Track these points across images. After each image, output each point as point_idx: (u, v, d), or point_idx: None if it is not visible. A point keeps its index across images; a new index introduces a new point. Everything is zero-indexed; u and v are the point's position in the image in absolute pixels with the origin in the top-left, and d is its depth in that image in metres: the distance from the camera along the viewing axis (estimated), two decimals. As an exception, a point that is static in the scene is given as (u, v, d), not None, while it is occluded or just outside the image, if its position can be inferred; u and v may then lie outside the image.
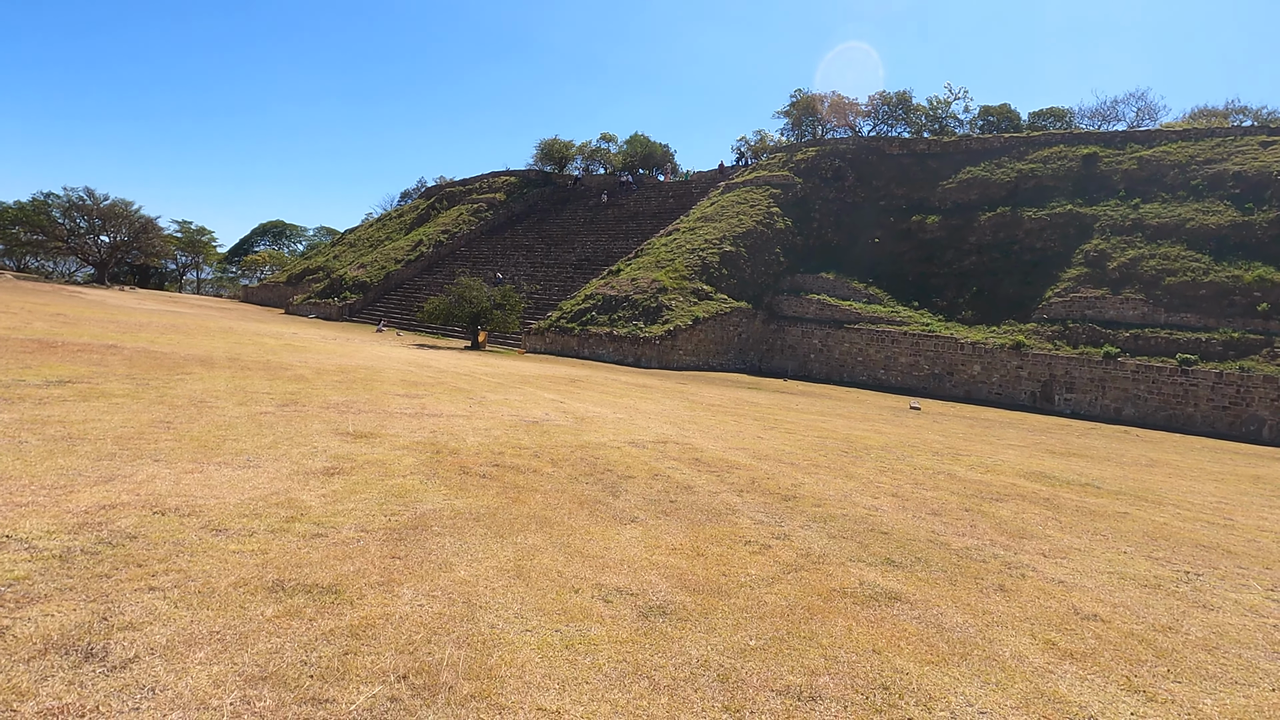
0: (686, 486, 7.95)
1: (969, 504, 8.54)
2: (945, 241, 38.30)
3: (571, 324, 35.62)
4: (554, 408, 14.08)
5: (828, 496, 8.15)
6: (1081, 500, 9.55)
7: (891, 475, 10.09)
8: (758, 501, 7.57)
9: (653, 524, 6.29)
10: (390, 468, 7.38)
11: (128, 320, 26.75)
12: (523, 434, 10.48)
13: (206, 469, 6.57)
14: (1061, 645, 4.41)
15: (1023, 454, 14.38)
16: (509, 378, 19.73)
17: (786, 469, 9.74)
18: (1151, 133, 37.93)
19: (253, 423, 9.11)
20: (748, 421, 15.25)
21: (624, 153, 64.66)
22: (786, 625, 4.30)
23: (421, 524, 5.57)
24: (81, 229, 69.67)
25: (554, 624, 4.01)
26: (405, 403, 12.44)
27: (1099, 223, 34.13)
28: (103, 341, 17.65)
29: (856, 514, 7.41)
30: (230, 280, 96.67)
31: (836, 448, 12.40)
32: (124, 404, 9.45)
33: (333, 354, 21.27)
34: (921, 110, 49.27)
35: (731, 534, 6.22)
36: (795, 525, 6.71)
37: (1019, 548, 6.68)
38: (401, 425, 10.09)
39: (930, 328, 33.73)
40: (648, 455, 9.71)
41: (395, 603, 4.05)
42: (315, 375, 15.19)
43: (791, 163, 46.03)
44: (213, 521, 5.11)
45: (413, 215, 65.47)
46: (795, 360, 37.19)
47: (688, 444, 11.10)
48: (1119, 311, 30.22)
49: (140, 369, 13.33)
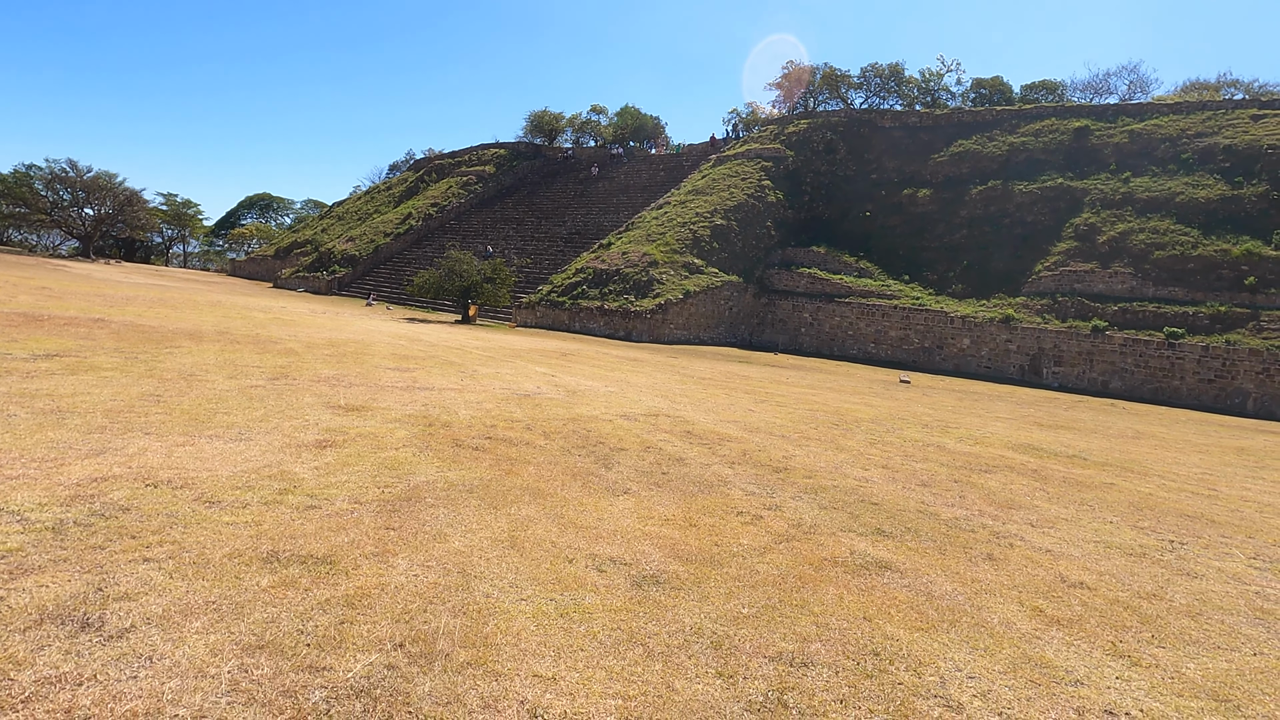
0: (678, 459, 7.98)
1: (958, 475, 8.62)
2: (936, 215, 38.26)
3: (562, 298, 35.52)
4: (545, 381, 14.08)
5: (819, 468, 8.21)
6: (1069, 471, 9.65)
7: (882, 448, 10.16)
8: (750, 473, 7.62)
9: (645, 495, 6.32)
10: (382, 440, 7.38)
11: (114, 294, 26.50)
12: (514, 407, 10.49)
13: (198, 442, 6.56)
14: (1048, 612, 4.48)
15: (1011, 426, 14.50)
16: (500, 351, 19.70)
17: (778, 441, 9.80)
18: (1143, 106, 37.84)
19: (243, 396, 9.08)
20: (739, 395, 15.30)
21: (615, 125, 64.11)
22: (779, 593, 4.35)
23: (415, 496, 5.58)
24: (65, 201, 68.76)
25: (548, 593, 4.04)
26: (396, 376, 12.41)
27: (1089, 196, 34.15)
28: (89, 315, 17.50)
29: (847, 485, 7.48)
30: (217, 254, 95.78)
31: (827, 420, 12.47)
32: (113, 377, 9.38)
33: (322, 328, 21.16)
34: (914, 83, 48.97)
35: (724, 505, 6.26)
36: (787, 496, 6.76)
37: (1007, 518, 6.76)
38: (393, 399, 10.07)
39: (921, 301, 33.81)
40: (639, 428, 9.74)
41: (390, 573, 4.07)
42: (305, 349, 15.12)
43: (783, 135, 45.74)
44: (205, 494, 5.11)
45: (401, 188, 64.87)
46: (786, 334, 37.24)
47: (679, 417, 11.13)
48: (1108, 285, 30.35)
49: (128, 342, 13.23)
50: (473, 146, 66.38)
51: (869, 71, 49.81)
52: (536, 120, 67.50)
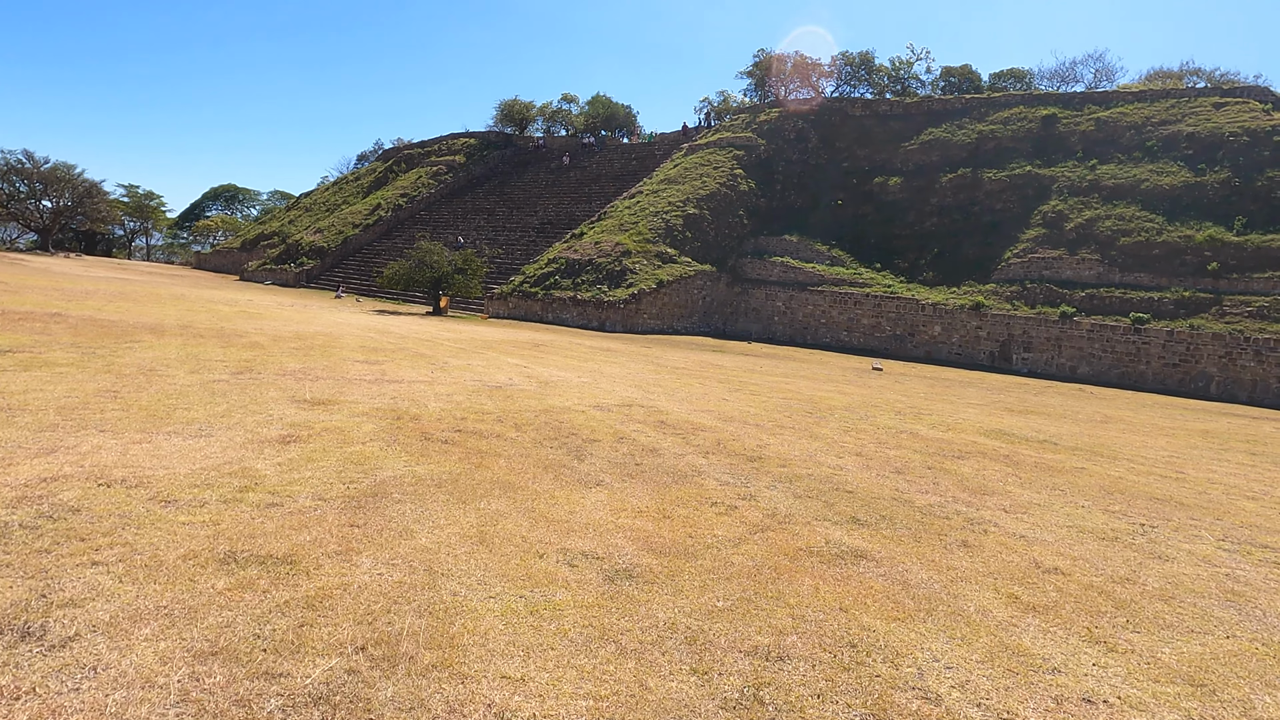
0: (652, 449, 7.89)
1: (932, 462, 8.62)
2: (907, 203, 38.48)
3: (535, 288, 35.25)
4: (518, 372, 13.92)
5: (793, 457, 8.16)
6: (1040, 456, 9.71)
7: (855, 435, 10.15)
8: (724, 463, 7.55)
9: (618, 487, 6.22)
10: (349, 435, 7.20)
11: (73, 288, 25.82)
12: (486, 399, 10.33)
13: (155, 439, 6.34)
14: (1024, 599, 4.45)
15: (982, 412, 14.61)
16: (472, 343, 19.47)
17: (752, 430, 9.74)
18: (1109, 94, 38.32)
19: (205, 391, 8.83)
20: (713, 384, 15.25)
21: (586, 114, 63.67)
22: (754, 586, 4.27)
23: (381, 491, 5.43)
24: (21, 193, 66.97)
25: (518, 590, 3.93)
26: (365, 369, 12.19)
27: (1057, 184, 34.53)
28: (46, 310, 17.00)
29: (822, 474, 7.43)
30: (182, 247, 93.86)
31: (801, 409, 12.45)
32: (68, 373, 9.08)
33: (289, 320, 20.77)
34: (884, 71, 49.15)
35: (698, 496, 6.18)
36: (761, 486, 6.70)
37: (980, 504, 6.75)
38: (361, 392, 9.87)
39: (892, 289, 34.02)
40: (613, 419, 9.63)
41: (354, 572, 3.93)
42: (271, 342, 14.81)
43: (755, 124, 45.70)
44: (161, 493, 4.92)
45: (370, 179, 63.95)
46: (759, 323, 37.30)
47: (653, 407, 11.04)
48: (1075, 272, 30.74)
49: (86, 337, 12.85)
50: (442, 136, 65.54)
51: (839, 60, 49.93)
52: (507, 109, 66.80)
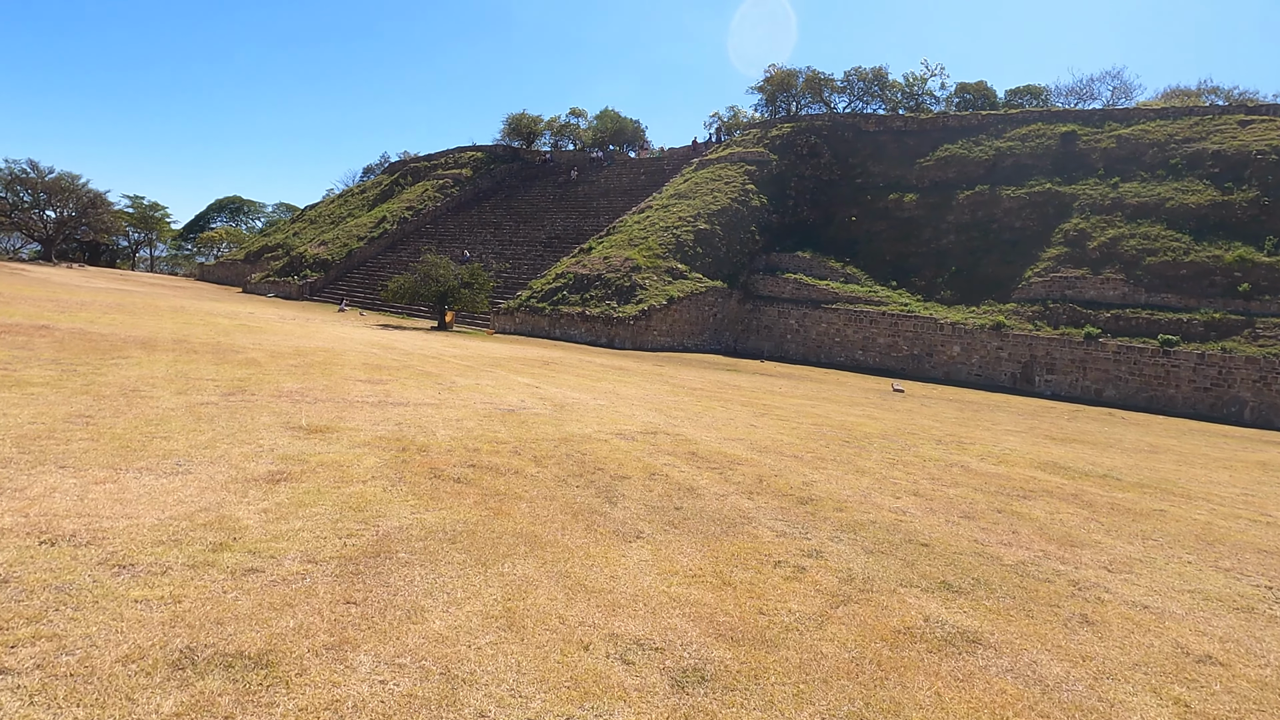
0: (689, 488, 6.99)
1: (998, 503, 7.71)
2: (923, 220, 37.66)
3: (542, 304, 34.43)
4: (530, 393, 13.05)
5: (847, 498, 7.26)
6: (1110, 495, 8.79)
7: (904, 469, 9.25)
8: (773, 506, 6.65)
9: (661, 540, 5.33)
10: (348, 471, 6.31)
11: (69, 299, 25.04)
12: (499, 425, 9.45)
13: (124, 477, 5.46)
14: (1195, 707, 3.54)
15: (1024, 441, 13.69)
16: (479, 360, 18.61)
17: (791, 463, 8.84)
18: (1129, 111, 37.57)
19: (190, 416, 7.96)
20: (735, 407, 14.36)
21: (594, 128, 63.13)
22: (860, 691, 3.37)
23: (384, 549, 4.53)
24: (25, 203, 66.31)
25: (563, 705, 3.02)
26: (367, 389, 11.32)
27: (1078, 202, 33.70)
28: (34, 321, 16.18)
29: (885, 520, 6.53)
30: (186, 258, 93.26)
31: (836, 437, 11.55)
32: (41, 394, 8.22)
33: (290, 335, 19.94)
34: (897, 87, 48.51)
35: (754, 550, 5.28)
36: (823, 537, 5.79)
37: (1076, 560, 5.84)
38: (363, 416, 8.99)
39: (909, 308, 33.14)
40: (639, 449, 8.74)
41: (348, 680, 3.02)
42: (269, 359, 13.96)
43: (767, 139, 45.02)
44: (116, 553, 4.03)
45: (376, 191, 63.36)
46: (771, 341, 36.42)
47: (679, 435, 10.15)
48: (1099, 292, 29.85)
49: (70, 352, 12.01)
50: (449, 149, 64.98)
51: (852, 75, 49.31)
52: (514, 123, 66.26)
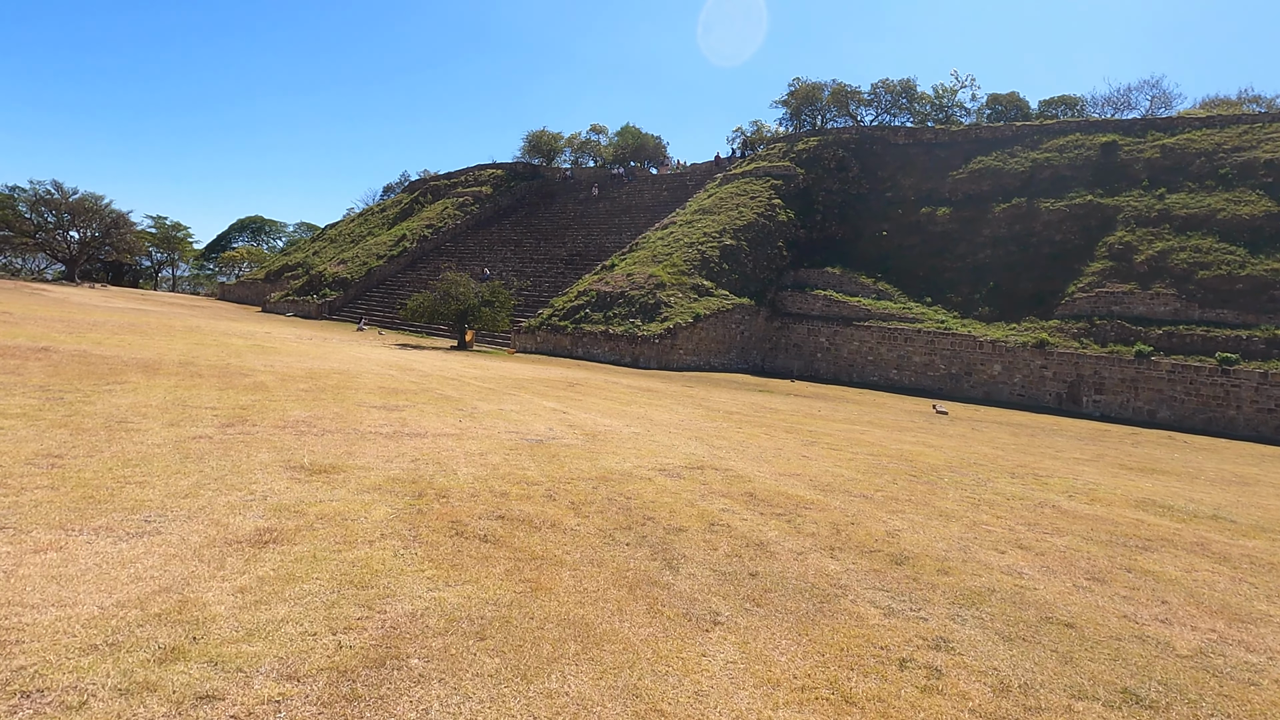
0: (758, 543, 5.86)
1: (1119, 558, 6.50)
2: (957, 234, 36.39)
3: (564, 322, 33.45)
4: (557, 420, 11.98)
5: (944, 554, 6.09)
6: (1237, 545, 7.54)
7: (990, 510, 8.05)
8: (863, 567, 5.50)
9: (745, 625, 4.20)
10: (353, 527, 5.25)
11: (82, 319, 24.38)
12: (527, 459, 8.38)
13: (74, 542, 4.43)
14: None
15: (1101, 472, 12.41)
16: (501, 382, 17.59)
17: (863, 505, 7.69)
18: (1173, 120, 36.17)
19: (177, 453, 6.95)
20: (780, 434, 13.20)
21: (615, 145, 62.47)
22: None
23: (392, 652, 3.45)
24: (50, 224, 66.60)
25: None
26: (381, 417, 10.29)
27: (1122, 214, 32.32)
28: (35, 344, 15.38)
29: (1003, 587, 5.36)
30: (207, 278, 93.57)
31: (899, 470, 10.36)
32: (11, 429, 7.25)
33: (305, 356, 19.04)
34: (926, 99, 47.36)
35: (864, 640, 4.14)
36: (941, 615, 4.64)
37: (1260, 644, 4.65)
38: (375, 451, 7.95)
39: (946, 325, 31.82)
40: (689, 490, 7.62)
41: None
42: (279, 383, 13.00)
43: (792, 153, 43.99)
44: (24, 670, 2.97)
45: (395, 210, 62.96)
46: (800, 359, 35.19)
47: (729, 470, 9.02)
48: (1149, 307, 28.40)
49: (63, 378, 11.09)
50: (469, 167, 64.54)
51: (879, 88, 48.23)
52: (534, 140, 65.77)
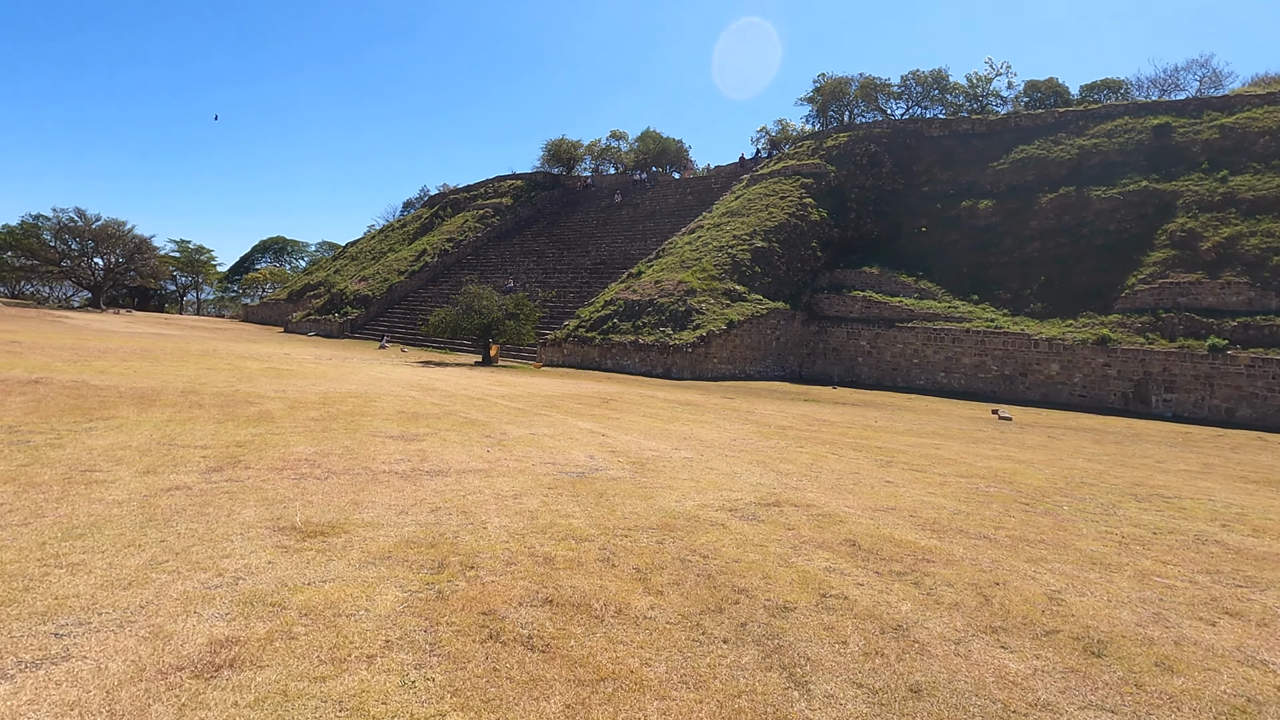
0: (895, 626, 4.34)
1: (1362, 625, 4.89)
2: (1001, 228, 34.54)
3: (591, 333, 32.08)
4: (596, 445, 10.52)
5: (1146, 634, 4.51)
6: None
7: (1146, 552, 6.44)
8: (1052, 666, 3.96)
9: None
10: (347, 630, 3.81)
11: (94, 346, 23.37)
12: (570, 501, 6.92)
13: (-64, 680, 3.02)
14: None
15: (1228, 488, 10.70)
16: (530, 400, 16.19)
17: (990, 551, 6.13)
18: (1229, 98, 34.08)
19: (140, 514, 5.58)
20: (848, 452, 11.64)
21: (636, 150, 61.13)
22: None
23: None
24: (74, 251, 66.58)
25: None
26: (398, 450, 8.89)
27: (1182, 199, 30.32)
28: (31, 375, 14.22)
29: (1263, 691, 3.79)
30: (231, 299, 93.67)
31: (1004, 496, 8.76)
32: (-56, 487, 5.92)
33: (321, 378, 17.78)
34: (959, 89, 45.46)
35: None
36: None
37: None
38: (387, 499, 6.53)
39: (996, 323, 29.98)
40: (774, 539, 6.11)
41: None
42: (286, 411, 11.67)
43: (822, 150, 42.36)
44: None
45: (416, 225, 62.12)
46: (841, 365, 33.49)
47: (809, 505, 7.49)
48: (1219, 298, 26.40)
49: (41, 414, 9.83)
50: (488, 179, 63.56)
51: (909, 79, 46.40)
52: (554, 149, 64.60)
